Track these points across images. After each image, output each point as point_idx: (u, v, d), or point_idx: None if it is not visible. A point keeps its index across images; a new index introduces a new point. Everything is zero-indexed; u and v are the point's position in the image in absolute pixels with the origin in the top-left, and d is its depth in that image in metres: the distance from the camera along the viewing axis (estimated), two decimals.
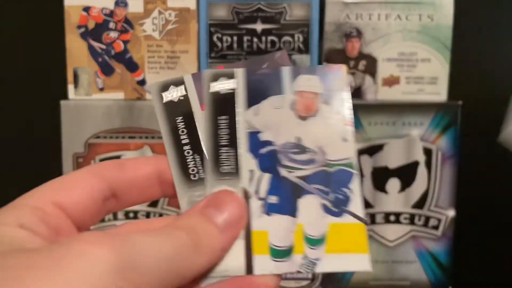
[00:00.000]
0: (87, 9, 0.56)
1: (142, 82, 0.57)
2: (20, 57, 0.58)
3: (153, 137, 0.57)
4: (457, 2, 0.56)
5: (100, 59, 0.57)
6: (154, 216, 0.58)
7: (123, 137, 0.57)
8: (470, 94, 0.56)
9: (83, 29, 0.57)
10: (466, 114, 0.56)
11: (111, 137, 0.57)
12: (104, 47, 0.57)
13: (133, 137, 0.57)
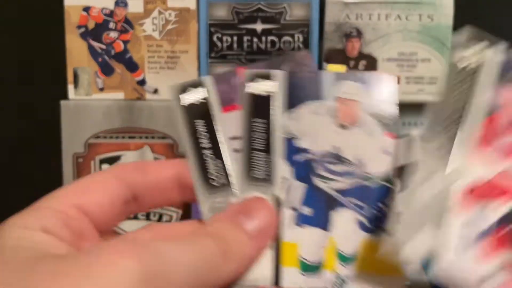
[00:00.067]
0: (87, 9, 0.56)
1: (142, 82, 0.57)
2: (20, 57, 0.58)
3: (153, 137, 0.57)
4: (457, 2, 0.56)
5: (100, 59, 0.57)
6: (154, 216, 0.58)
7: (123, 137, 0.57)
8: None
9: (83, 29, 0.57)
10: None
11: (111, 137, 0.57)
12: (104, 47, 0.57)
13: (133, 137, 0.57)
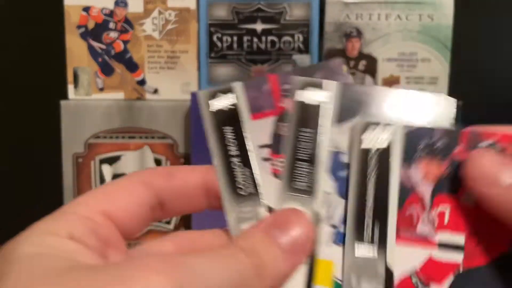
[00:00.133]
0: (87, 9, 0.56)
1: (142, 82, 0.57)
2: (20, 57, 0.58)
3: (153, 137, 0.57)
4: (457, 2, 0.56)
5: (100, 59, 0.57)
6: None
7: (123, 137, 0.57)
8: (470, 94, 0.56)
9: (83, 29, 0.57)
10: (466, 114, 0.56)
11: (111, 137, 0.57)
12: (104, 47, 0.57)
13: (133, 137, 0.57)
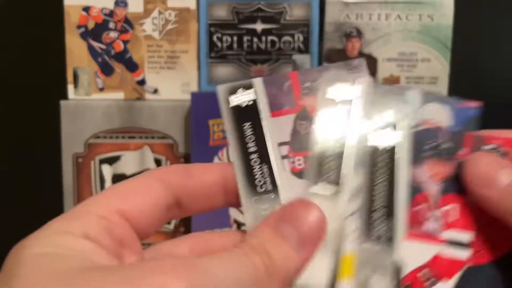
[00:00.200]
0: (87, 9, 0.56)
1: (142, 82, 0.57)
2: (20, 57, 0.58)
3: (153, 137, 0.57)
4: (457, 2, 0.56)
5: (100, 59, 0.57)
6: None
7: (123, 137, 0.57)
8: (470, 94, 0.56)
9: (83, 29, 0.57)
10: None
11: (111, 137, 0.57)
12: (104, 47, 0.57)
13: (133, 137, 0.57)
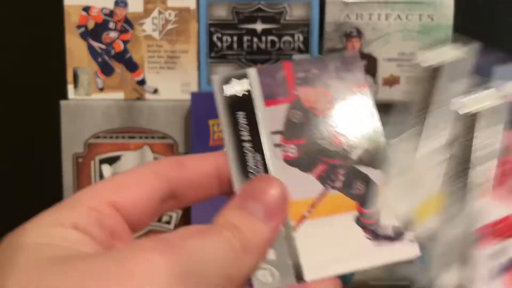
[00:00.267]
0: (87, 9, 0.56)
1: (142, 82, 0.57)
2: (20, 57, 0.58)
3: (153, 137, 0.57)
4: (457, 2, 0.56)
5: (100, 59, 0.57)
6: None
7: (123, 137, 0.57)
8: None
9: (83, 29, 0.57)
10: None
11: (111, 137, 0.57)
12: (104, 47, 0.57)
13: (133, 137, 0.57)
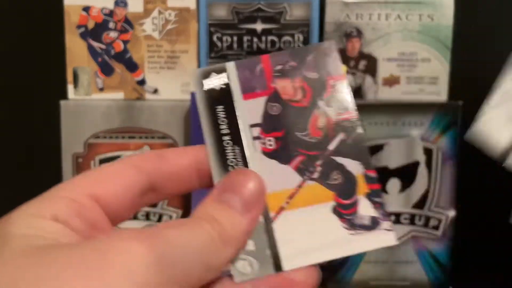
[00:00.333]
0: (87, 9, 0.56)
1: (142, 82, 0.57)
2: (20, 57, 0.58)
3: (153, 137, 0.57)
4: (457, 2, 0.56)
5: (100, 59, 0.57)
6: (154, 216, 0.58)
7: (123, 137, 0.57)
8: (470, 94, 0.56)
9: (83, 29, 0.56)
10: (466, 114, 0.56)
11: (111, 137, 0.57)
12: (104, 47, 0.57)
13: (133, 137, 0.57)
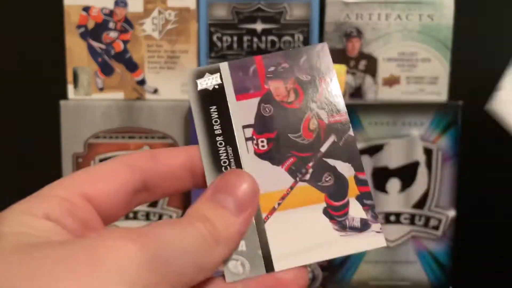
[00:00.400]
0: (87, 9, 0.56)
1: (142, 82, 0.57)
2: (20, 57, 0.58)
3: (153, 137, 0.57)
4: (457, 2, 0.56)
5: (100, 59, 0.57)
6: (154, 216, 0.58)
7: (123, 137, 0.57)
8: (470, 94, 0.56)
9: (83, 29, 0.56)
10: (466, 114, 0.56)
11: (111, 137, 0.57)
12: (104, 47, 0.57)
13: (133, 137, 0.57)
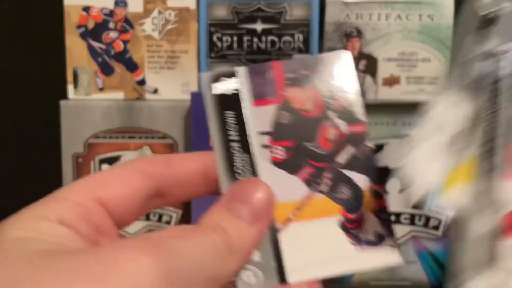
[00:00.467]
0: (87, 9, 0.56)
1: (142, 82, 0.57)
2: (20, 57, 0.58)
3: (153, 137, 0.57)
4: (457, 2, 0.56)
5: (100, 59, 0.57)
6: (154, 216, 0.58)
7: (123, 137, 0.57)
8: None
9: (83, 29, 0.56)
10: None
11: (111, 137, 0.57)
12: (104, 47, 0.57)
13: (133, 137, 0.57)
